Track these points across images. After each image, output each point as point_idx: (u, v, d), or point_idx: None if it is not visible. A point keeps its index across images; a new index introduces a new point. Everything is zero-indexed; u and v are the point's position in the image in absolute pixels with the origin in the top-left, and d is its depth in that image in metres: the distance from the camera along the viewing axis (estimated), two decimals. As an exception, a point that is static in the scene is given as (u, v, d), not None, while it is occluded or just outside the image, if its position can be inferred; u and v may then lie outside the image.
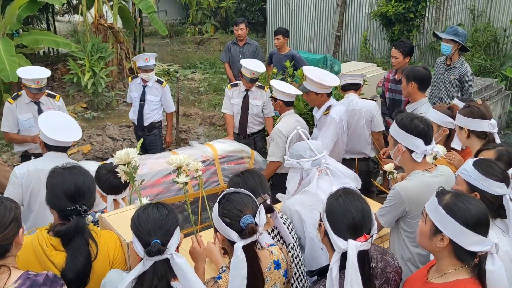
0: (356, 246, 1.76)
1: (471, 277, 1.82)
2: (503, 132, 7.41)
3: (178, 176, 2.46)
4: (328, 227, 1.86)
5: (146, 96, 5.51)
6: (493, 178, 2.13)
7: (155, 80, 5.52)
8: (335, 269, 1.78)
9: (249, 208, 1.97)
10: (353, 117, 4.50)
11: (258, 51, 6.93)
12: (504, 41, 8.57)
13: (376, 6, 10.03)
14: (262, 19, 14.45)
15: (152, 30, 16.01)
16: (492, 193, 2.13)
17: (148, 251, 1.76)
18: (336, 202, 1.90)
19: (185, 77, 11.39)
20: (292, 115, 4.39)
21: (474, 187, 2.17)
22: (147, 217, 1.85)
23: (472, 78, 4.99)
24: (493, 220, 2.12)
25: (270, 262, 2.07)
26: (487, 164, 2.19)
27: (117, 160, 2.21)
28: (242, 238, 1.88)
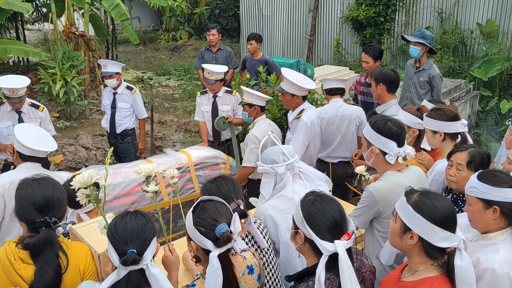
0: (344, 245, 1.79)
1: (440, 274, 1.85)
2: (473, 131, 7.60)
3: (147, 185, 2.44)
4: (311, 233, 1.85)
5: (117, 103, 5.46)
6: (505, 186, 2.06)
7: (125, 86, 5.47)
8: (323, 273, 1.79)
9: (223, 216, 1.96)
10: (343, 123, 4.51)
11: (232, 57, 6.94)
12: (471, 43, 8.80)
13: (348, 10, 10.19)
14: (236, 25, 14.50)
15: (125, 37, 15.81)
16: (509, 201, 2.05)
17: (123, 260, 1.74)
18: (314, 207, 1.90)
19: (160, 84, 11.31)
20: (265, 120, 4.41)
21: (491, 201, 2.06)
22: (125, 225, 1.83)
23: (441, 79, 5.11)
24: None
25: (244, 268, 2.07)
26: (493, 175, 2.12)
27: (78, 184, 2.14)
28: (218, 246, 1.87)
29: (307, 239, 1.90)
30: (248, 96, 4.33)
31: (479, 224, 2.11)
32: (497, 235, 2.05)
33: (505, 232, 2.06)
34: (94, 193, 2.11)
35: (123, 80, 5.55)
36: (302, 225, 1.90)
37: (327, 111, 4.51)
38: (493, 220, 2.05)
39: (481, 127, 7.74)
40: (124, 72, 11.14)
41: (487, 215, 2.06)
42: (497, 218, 2.06)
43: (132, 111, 5.54)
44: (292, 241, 1.99)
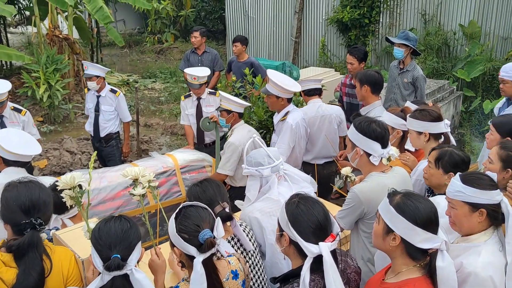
0: (328, 247, 1.80)
1: (423, 275, 1.87)
2: (456, 131, 7.70)
3: (134, 189, 2.43)
4: (296, 235, 1.86)
5: (100, 106, 5.42)
6: (489, 188, 2.06)
7: (109, 89, 5.44)
8: (308, 275, 1.79)
9: (206, 222, 1.95)
10: (324, 123, 4.53)
11: (217, 60, 6.93)
12: (454, 44, 8.92)
13: (332, 12, 10.26)
14: (222, 27, 14.49)
15: (110, 40, 15.70)
16: (495, 203, 2.05)
17: (107, 266, 1.72)
18: (298, 209, 1.91)
19: (145, 87, 11.25)
20: (244, 126, 4.34)
21: (478, 204, 2.05)
22: (108, 230, 1.82)
23: (424, 80, 5.16)
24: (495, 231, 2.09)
25: (228, 272, 2.07)
26: (477, 177, 2.11)
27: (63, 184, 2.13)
28: (202, 252, 1.87)
29: (292, 241, 1.90)
30: (226, 102, 4.25)
31: (464, 227, 2.12)
32: (478, 236, 2.07)
33: (487, 232, 2.07)
34: (78, 195, 2.09)
35: (107, 83, 5.51)
36: (287, 227, 1.90)
37: (308, 112, 4.51)
38: (478, 223, 2.07)
39: (465, 127, 7.84)
40: (109, 75, 11.05)
41: (473, 218, 2.06)
42: (484, 220, 2.06)
43: (116, 115, 5.50)
44: (277, 243, 2.00)
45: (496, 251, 2.02)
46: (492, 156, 2.72)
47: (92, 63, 5.38)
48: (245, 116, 5.34)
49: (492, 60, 8.11)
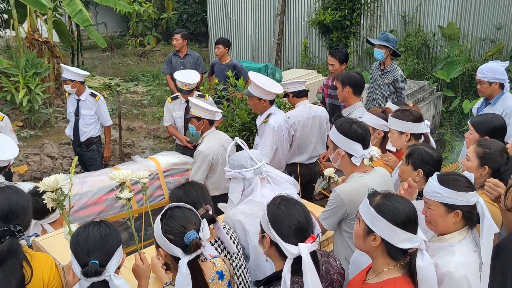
0: (308, 248, 1.81)
1: (403, 275, 1.89)
2: (437, 131, 7.81)
3: (121, 192, 2.41)
4: (276, 236, 1.86)
5: (80, 110, 5.36)
6: (466, 190, 2.08)
7: (89, 93, 5.39)
8: (288, 276, 1.80)
9: (192, 223, 1.95)
10: (316, 124, 4.55)
11: (199, 62, 6.92)
12: (434, 45, 9.07)
13: (314, 14, 10.33)
14: (204, 30, 14.47)
15: (91, 43, 15.58)
16: (470, 204, 2.08)
17: (84, 272, 1.70)
18: (279, 210, 1.92)
19: (128, 90, 11.16)
20: (215, 133, 4.25)
21: (453, 205, 2.08)
22: (87, 236, 1.80)
23: (405, 81, 5.23)
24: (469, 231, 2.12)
25: (214, 273, 2.07)
26: (453, 179, 2.13)
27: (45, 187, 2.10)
28: (187, 254, 1.87)
29: (273, 242, 1.91)
30: (195, 109, 4.15)
31: (439, 227, 2.14)
32: (453, 236, 2.10)
33: (462, 232, 2.10)
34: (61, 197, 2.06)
35: (87, 87, 5.45)
36: (268, 228, 1.91)
37: (301, 114, 4.50)
38: (453, 223, 2.10)
39: (445, 126, 7.96)
40: (90, 78, 10.94)
41: (449, 218, 2.09)
42: (459, 221, 2.09)
43: (97, 119, 5.45)
44: (260, 245, 2.00)
45: (471, 251, 2.05)
46: (469, 154, 2.77)
47: (69, 67, 5.31)
48: (228, 118, 5.34)
49: (470, 61, 8.26)
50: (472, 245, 2.07)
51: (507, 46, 8.40)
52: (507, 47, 8.40)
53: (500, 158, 2.67)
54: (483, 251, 2.02)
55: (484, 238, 2.02)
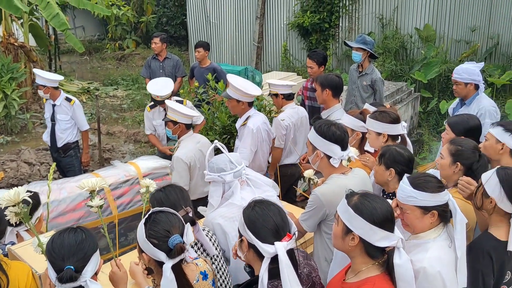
0: (284, 246, 1.83)
1: (381, 273, 1.92)
2: (415, 131, 7.94)
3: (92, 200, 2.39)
4: (253, 237, 1.88)
5: (56, 115, 5.29)
6: (437, 191, 2.10)
7: (64, 98, 5.31)
8: (266, 276, 1.81)
9: (176, 228, 1.95)
10: (303, 124, 4.63)
11: (179, 65, 6.89)
12: (411, 47, 9.22)
13: (293, 17, 10.39)
14: (184, 33, 14.41)
15: (69, 47, 15.35)
16: (443, 203, 2.11)
17: (60, 277, 1.69)
18: (253, 212, 1.94)
19: (107, 95, 11.05)
20: (192, 137, 4.19)
21: (429, 207, 2.10)
22: (62, 242, 1.79)
23: (382, 83, 5.31)
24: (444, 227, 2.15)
25: (197, 274, 2.07)
26: (425, 181, 2.15)
27: (6, 202, 2.04)
28: (171, 258, 1.86)
29: (250, 245, 1.92)
30: (171, 112, 4.08)
31: (417, 229, 2.17)
32: (428, 234, 2.13)
33: (437, 229, 2.13)
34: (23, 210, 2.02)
35: (62, 92, 5.38)
36: (244, 231, 1.92)
37: (293, 115, 4.55)
38: (430, 223, 2.13)
39: (423, 127, 8.09)
40: (68, 83, 10.80)
41: (425, 219, 2.12)
42: (435, 221, 2.13)
43: (73, 124, 5.38)
44: (239, 251, 2.00)
45: (445, 247, 2.08)
46: (443, 152, 2.84)
47: (41, 72, 5.24)
48: (209, 121, 5.32)
49: (446, 62, 8.42)
50: (447, 241, 2.11)
51: (482, 47, 8.60)
52: (481, 49, 8.60)
53: (472, 155, 2.73)
54: (458, 245, 2.06)
55: (457, 233, 2.06)
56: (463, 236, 2.07)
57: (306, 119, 4.69)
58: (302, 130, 4.61)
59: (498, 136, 2.91)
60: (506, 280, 2.29)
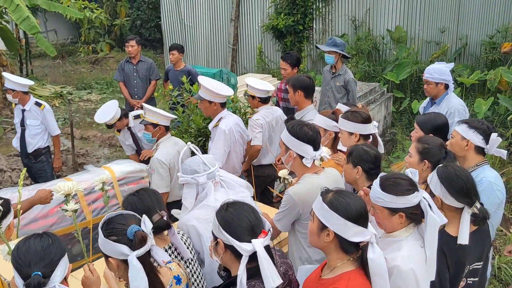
0: (261, 242, 1.86)
1: (356, 268, 1.97)
2: (389, 131, 8.08)
3: (67, 204, 2.37)
4: (230, 238, 1.89)
5: (26, 120, 5.20)
6: (406, 193, 2.13)
7: (33, 103, 5.22)
8: (244, 275, 1.83)
9: (132, 220, 1.96)
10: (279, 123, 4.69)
11: (153, 68, 6.85)
12: (383, 48, 9.38)
13: (268, 19, 10.45)
14: (159, 36, 14.31)
15: (41, 51, 15.03)
16: (412, 205, 2.13)
17: (27, 284, 1.66)
18: (227, 213, 1.95)
19: (81, 99, 10.88)
20: (170, 139, 4.23)
21: (396, 209, 2.14)
22: (28, 248, 1.77)
23: (355, 83, 5.39)
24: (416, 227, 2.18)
25: (171, 279, 2.07)
26: (394, 183, 2.17)
27: None
28: (134, 249, 1.86)
29: (227, 246, 1.93)
30: (151, 115, 4.07)
31: (387, 228, 2.23)
32: (400, 233, 2.18)
33: (408, 229, 2.18)
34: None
35: (32, 96, 5.29)
36: (220, 232, 1.93)
37: (268, 115, 4.59)
38: (399, 224, 2.17)
39: (397, 126, 8.24)
40: (41, 87, 10.60)
41: (394, 220, 2.17)
42: (404, 222, 2.17)
43: (44, 128, 5.29)
44: (215, 254, 2.00)
45: (417, 246, 2.13)
46: (411, 150, 2.92)
47: (10, 76, 5.13)
48: (184, 124, 5.30)
49: (418, 63, 8.60)
50: (419, 241, 2.15)
51: (451, 48, 8.81)
52: (451, 49, 8.81)
53: (439, 152, 2.82)
54: (427, 245, 2.10)
55: (428, 233, 2.09)
56: (434, 237, 2.09)
57: (282, 119, 4.73)
58: (277, 130, 4.64)
59: (463, 133, 2.99)
60: (465, 273, 2.38)
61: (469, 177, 2.39)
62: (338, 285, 1.92)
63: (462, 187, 2.32)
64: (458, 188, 2.33)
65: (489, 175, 2.91)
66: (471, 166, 2.98)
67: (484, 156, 3.02)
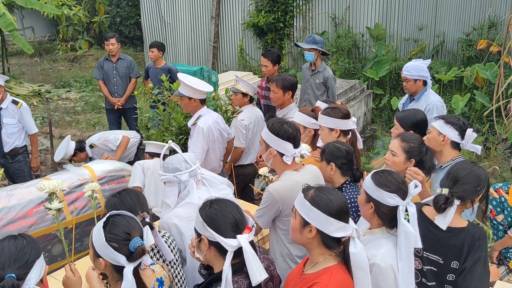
0: (246, 238, 1.89)
1: (338, 263, 2.00)
2: (369, 127, 8.18)
3: (51, 203, 2.34)
4: (215, 234, 1.90)
5: (2, 119, 5.10)
6: (384, 188, 2.15)
7: (10, 101, 5.13)
8: (230, 271, 1.85)
9: (136, 230, 1.93)
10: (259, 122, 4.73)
11: (133, 66, 6.79)
12: (363, 46, 9.48)
13: (248, 17, 10.45)
14: (139, 33, 14.17)
15: (18, 49, 14.78)
16: (384, 203, 2.15)
17: (1, 286, 1.65)
18: (212, 210, 1.97)
19: (59, 97, 10.72)
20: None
21: (370, 196, 2.20)
22: (1, 250, 1.75)
23: (334, 80, 5.44)
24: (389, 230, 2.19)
25: (153, 281, 2.06)
26: (382, 175, 2.21)
27: None
28: (131, 261, 1.85)
29: (211, 242, 1.94)
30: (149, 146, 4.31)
31: (362, 214, 2.31)
32: (379, 231, 2.23)
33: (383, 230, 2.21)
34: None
35: (8, 95, 5.20)
36: (204, 229, 1.94)
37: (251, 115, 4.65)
38: (369, 214, 2.23)
39: (377, 123, 8.36)
40: (18, 86, 10.41)
41: (367, 207, 2.24)
42: (372, 214, 2.21)
43: (21, 127, 5.21)
44: (197, 252, 2.01)
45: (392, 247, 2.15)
46: (395, 149, 2.94)
47: None
48: (165, 122, 5.28)
49: (396, 60, 8.72)
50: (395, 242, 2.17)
51: (429, 45, 8.96)
52: (429, 46, 8.95)
53: (422, 149, 2.90)
54: (400, 256, 2.09)
55: (400, 243, 2.09)
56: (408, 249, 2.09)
57: (262, 120, 4.77)
58: (258, 130, 4.68)
59: (440, 128, 3.06)
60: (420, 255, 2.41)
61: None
62: (320, 279, 1.95)
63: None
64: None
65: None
66: (447, 160, 3.06)
67: (459, 151, 3.10)
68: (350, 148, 2.96)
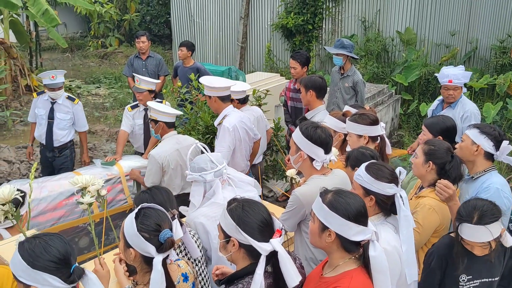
0: (278, 241, 1.88)
1: (358, 266, 1.99)
2: (396, 133, 8.06)
3: (83, 197, 2.39)
4: (247, 237, 1.89)
5: (55, 114, 5.16)
6: (383, 180, 2.27)
7: (65, 97, 5.22)
8: (262, 275, 1.84)
9: (166, 223, 1.97)
10: (260, 123, 4.76)
11: (162, 64, 6.88)
12: (392, 50, 9.35)
13: (277, 18, 10.45)
14: (168, 32, 14.35)
15: (50, 44, 15.17)
16: (385, 194, 2.26)
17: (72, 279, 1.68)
18: (244, 212, 1.95)
19: (89, 93, 10.94)
20: (173, 137, 4.20)
21: (369, 190, 2.29)
22: (66, 244, 1.76)
23: (364, 84, 5.39)
24: (385, 217, 2.31)
25: (179, 276, 2.09)
26: (377, 168, 2.32)
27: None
28: (161, 252, 1.88)
29: (242, 245, 1.93)
30: (152, 112, 4.13)
31: None
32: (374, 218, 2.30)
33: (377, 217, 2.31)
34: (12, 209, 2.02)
35: (63, 90, 5.29)
36: (236, 232, 1.92)
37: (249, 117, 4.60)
38: (369, 206, 2.27)
39: (404, 128, 8.23)
40: (50, 80, 10.62)
41: (366, 201, 2.25)
42: (373, 206, 2.31)
43: (72, 123, 5.29)
44: (222, 251, 2.01)
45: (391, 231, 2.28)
46: (417, 151, 2.94)
47: (58, 70, 5.16)
48: (192, 121, 5.33)
49: (427, 65, 8.57)
50: (392, 228, 2.29)
51: (461, 51, 8.77)
52: (460, 52, 8.77)
53: (445, 155, 2.83)
54: (403, 239, 2.22)
55: (402, 227, 2.23)
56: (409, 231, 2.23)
57: (262, 118, 4.83)
58: (259, 128, 4.72)
59: (474, 138, 2.99)
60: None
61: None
62: (340, 283, 1.93)
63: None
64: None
65: (497, 182, 2.91)
66: (479, 171, 2.99)
67: (492, 162, 3.03)
68: (375, 153, 2.92)
